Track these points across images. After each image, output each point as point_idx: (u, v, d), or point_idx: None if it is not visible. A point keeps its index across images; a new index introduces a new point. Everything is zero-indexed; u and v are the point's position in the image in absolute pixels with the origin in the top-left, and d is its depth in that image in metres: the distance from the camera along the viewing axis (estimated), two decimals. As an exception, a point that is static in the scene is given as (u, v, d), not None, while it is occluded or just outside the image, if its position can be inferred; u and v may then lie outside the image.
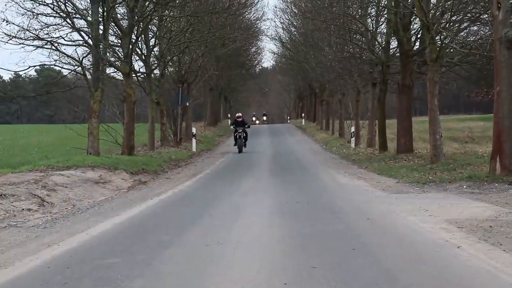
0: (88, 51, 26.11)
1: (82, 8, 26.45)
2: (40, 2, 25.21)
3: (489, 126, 27.01)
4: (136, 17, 27.76)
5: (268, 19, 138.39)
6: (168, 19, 34.10)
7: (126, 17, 29.31)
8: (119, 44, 29.91)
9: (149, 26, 32.85)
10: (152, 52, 34.93)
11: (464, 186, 16.10)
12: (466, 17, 24.46)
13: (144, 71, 33.88)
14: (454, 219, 10.89)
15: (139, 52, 33.64)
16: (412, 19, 26.99)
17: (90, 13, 25.37)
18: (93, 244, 9.65)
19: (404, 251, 8.51)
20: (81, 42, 26.07)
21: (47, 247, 9.39)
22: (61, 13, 25.28)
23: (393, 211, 12.40)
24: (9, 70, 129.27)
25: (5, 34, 24.35)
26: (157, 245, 9.26)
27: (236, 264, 8.00)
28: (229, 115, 76.79)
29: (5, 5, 25.29)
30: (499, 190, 15.02)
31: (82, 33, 25.71)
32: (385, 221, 11.18)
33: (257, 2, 58.90)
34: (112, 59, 29.90)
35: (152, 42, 34.61)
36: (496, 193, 14.63)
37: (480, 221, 10.55)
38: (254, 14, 60.24)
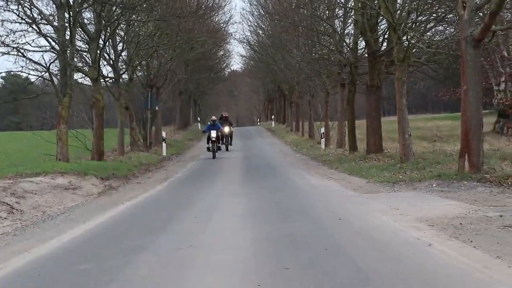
0: (55, 57, 25.90)
1: (48, 13, 26.24)
2: (5, 9, 24.97)
3: (457, 125, 27.24)
4: (103, 22, 27.59)
5: (235, 22, 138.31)
6: (135, 23, 33.96)
7: (93, 22, 29.14)
8: (86, 50, 29.72)
9: (117, 31, 32.66)
10: (120, 57, 34.75)
11: (434, 185, 16.24)
12: (432, 17, 24.67)
13: (113, 76, 33.68)
14: (424, 217, 10.98)
15: (107, 57, 33.46)
16: (379, 20, 27.16)
17: (56, 18, 25.16)
18: (64, 250, 9.57)
19: (376, 250, 8.56)
20: (48, 48, 25.84)
21: (17, 254, 9.30)
22: (26, 19, 25.05)
23: (365, 210, 12.47)
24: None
25: (-30, 41, 24.08)
26: (129, 250, 9.20)
27: (210, 267, 7.98)
28: (198, 119, 76.60)
29: (-31, 12, 24.94)
30: (468, 187, 15.18)
31: (48, 38, 25.49)
32: (356, 221, 11.23)
33: (225, 6, 59.00)
34: (80, 64, 29.69)
35: (120, 46, 34.43)
36: (465, 190, 14.79)
37: (450, 219, 10.66)
38: (222, 17, 60.31)
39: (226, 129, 39.10)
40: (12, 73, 40.40)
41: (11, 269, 8.32)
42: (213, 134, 33.56)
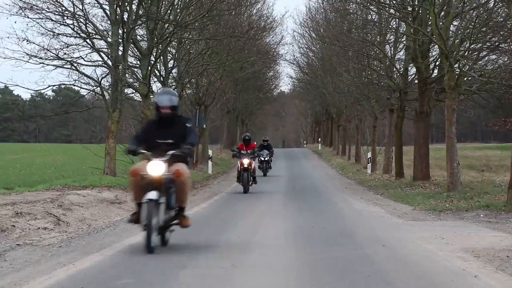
0: (107, 72, 26.28)
1: (102, 29, 26.65)
2: (61, 23, 25.46)
3: (507, 155, 26.86)
4: (155, 39, 27.91)
5: (286, 43, 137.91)
6: (187, 41, 34.26)
7: (146, 39, 29.47)
8: (138, 66, 30.06)
9: (168, 48, 33.00)
10: (170, 74, 35.07)
11: (481, 215, 15.99)
12: (485, 46, 24.41)
13: (162, 92, 33.95)
14: (470, 247, 10.80)
15: (158, 74, 33.79)
16: (430, 46, 26.97)
17: (110, 34, 25.56)
18: (108, 264, 9.64)
19: (420, 279, 8.44)
20: (100, 63, 26.27)
21: (62, 266, 9.39)
22: (81, 34, 25.50)
23: (409, 238, 12.32)
24: (29, 89, 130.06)
25: (26, 53, 24.60)
26: (171, 266, 9.23)
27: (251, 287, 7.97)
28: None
29: (27, 25, 25.49)
30: (517, 220, 14.92)
31: (101, 53, 25.91)
32: (400, 248, 11.10)
33: (276, 27, 59.11)
34: (131, 80, 30.05)
35: (170, 64, 34.75)
36: (513, 222, 14.53)
37: (497, 251, 10.46)
38: (273, 38, 60.43)
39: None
40: (64, 86, 40.95)
41: (55, 281, 8.39)
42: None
